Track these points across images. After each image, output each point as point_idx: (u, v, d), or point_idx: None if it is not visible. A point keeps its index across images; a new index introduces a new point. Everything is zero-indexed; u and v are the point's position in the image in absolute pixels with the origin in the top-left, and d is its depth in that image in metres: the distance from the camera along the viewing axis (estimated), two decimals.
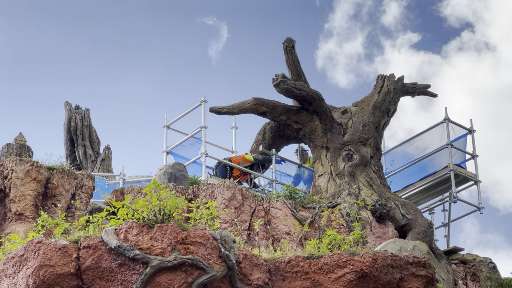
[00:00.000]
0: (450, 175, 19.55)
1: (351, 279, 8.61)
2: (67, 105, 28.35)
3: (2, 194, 14.71)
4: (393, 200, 17.58)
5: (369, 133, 18.88)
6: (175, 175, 16.20)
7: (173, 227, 8.28)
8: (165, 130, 20.19)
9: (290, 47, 19.62)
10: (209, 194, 15.63)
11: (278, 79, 18.77)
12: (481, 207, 19.99)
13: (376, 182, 18.13)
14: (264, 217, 15.67)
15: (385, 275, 8.85)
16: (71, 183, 15.03)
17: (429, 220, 17.58)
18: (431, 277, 9.19)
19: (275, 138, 20.20)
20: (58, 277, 8.13)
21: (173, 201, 8.53)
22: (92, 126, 28.35)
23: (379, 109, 19.45)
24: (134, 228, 8.31)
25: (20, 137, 17.12)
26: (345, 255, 8.77)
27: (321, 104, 18.91)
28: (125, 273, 8.14)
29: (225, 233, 8.63)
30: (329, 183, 18.17)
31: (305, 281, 8.74)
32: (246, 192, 15.95)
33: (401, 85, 20.19)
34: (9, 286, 8.39)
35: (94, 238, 8.36)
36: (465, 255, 17.87)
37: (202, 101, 19.35)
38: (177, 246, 8.19)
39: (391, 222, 17.04)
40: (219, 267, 8.28)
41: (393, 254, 9.10)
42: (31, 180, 14.57)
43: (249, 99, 19.26)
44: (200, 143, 19.13)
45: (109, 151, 27.83)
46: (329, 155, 18.58)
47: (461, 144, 20.42)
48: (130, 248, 8.15)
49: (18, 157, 14.91)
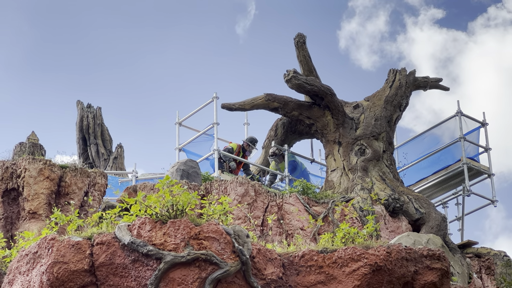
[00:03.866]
0: (463, 169, 19.48)
1: (365, 272, 8.58)
2: (79, 104, 28.40)
3: (15, 193, 14.73)
4: (406, 194, 17.53)
5: (381, 127, 18.83)
6: (187, 172, 16.20)
7: (186, 222, 8.26)
8: (177, 127, 20.19)
9: (301, 43, 19.57)
10: (221, 191, 15.62)
11: (290, 74, 18.74)
12: (494, 200, 19.93)
13: (389, 176, 18.08)
14: (277, 212, 15.65)
15: (399, 268, 8.82)
16: (84, 181, 15.05)
17: (443, 214, 17.52)
18: (446, 270, 9.14)
19: (287, 133, 20.18)
20: (72, 273, 8.13)
21: (185, 197, 8.51)
22: (104, 125, 28.38)
23: (391, 103, 19.40)
24: (147, 224, 8.30)
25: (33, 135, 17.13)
26: (359, 249, 8.74)
27: (333, 99, 18.87)
28: (138, 269, 8.13)
29: (239, 228, 8.61)
30: (342, 178, 18.13)
31: (319, 275, 8.72)
32: (259, 188, 15.93)
33: (413, 79, 20.13)
34: (23, 283, 8.39)
35: (107, 234, 8.35)
36: (479, 249, 17.81)
37: (214, 97, 19.34)
38: (191, 242, 8.17)
39: (405, 216, 16.99)
40: (232, 262, 8.26)
41: (407, 247, 9.06)
42: (44, 178, 14.59)
43: (261, 95, 19.24)
44: (212, 140, 19.13)
45: (121, 149, 27.86)
46: (342, 150, 18.54)
47: (474, 137, 20.35)
48: (144, 244, 8.14)
49: (31, 156, 14.93)
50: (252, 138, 19.75)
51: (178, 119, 20.27)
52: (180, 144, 19.96)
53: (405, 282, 8.98)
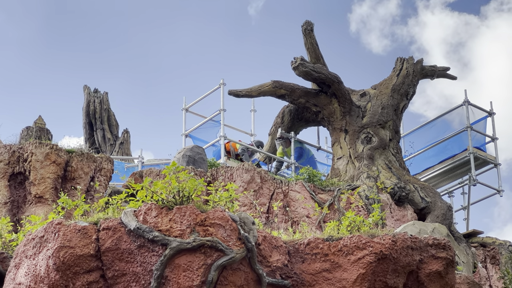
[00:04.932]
0: (470, 158, 19.46)
1: (370, 261, 8.58)
2: (85, 89, 28.41)
3: (22, 177, 14.77)
4: (412, 183, 17.53)
5: (388, 116, 18.81)
6: (193, 158, 16.21)
7: (192, 208, 8.27)
8: (184, 113, 20.21)
9: (309, 30, 19.54)
10: (228, 177, 15.63)
11: (297, 62, 18.73)
12: (501, 189, 19.91)
13: (395, 165, 18.08)
14: (283, 200, 15.66)
15: (404, 257, 8.82)
16: (90, 166, 15.07)
17: (449, 203, 17.53)
18: (451, 259, 9.14)
19: (294, 121, 20.17)
20: (78, 258, 8.15)
21: (192, 183, 8.52)
22: (110, 110, 28.40)
23: (398, 92, 19.37)
24: (153, 209, 8.31)
25: (40, 120, 17.16)
26: (364, 237, 8.74)
27: (340, 87, 18.85)
28: (144, 255, 8.15)
29: (244, 215, 8.61)
30: (348, 166, 18.13)
31: (324, 263, 8.72)
32: (265, 175, 15.93)
33: (420, 68, 20.10)
34: (30, 267, 8.42)
35: (114, 219, 8.36)
36: (484, 238, 17.81)
37: (221, 84, 19.34)
38: (196, 228, 8.18)
39: (410, 205, 16.99)
40: (238, 249, 8.27)
41: (412, 236, 9.05)
42: (51, 163, 14.61)
43: (268, 82, 19.23)
44: (218, 126, 19.14)
45: (127, 134, 27.88)
46: (348, 138, 18.53)
47: (481, 126, 20.32)
48: (149, 229, 8.15)
49: (38, 140, 14.96)
50: (260, 142, 19.77)
51: (185, 105, 20.28)
52: (186, 130, 19.98)
53: (410, 270, 8.98)
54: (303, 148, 19.95)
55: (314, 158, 20.23)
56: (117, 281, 8.23)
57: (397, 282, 8.83)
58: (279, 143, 19.62)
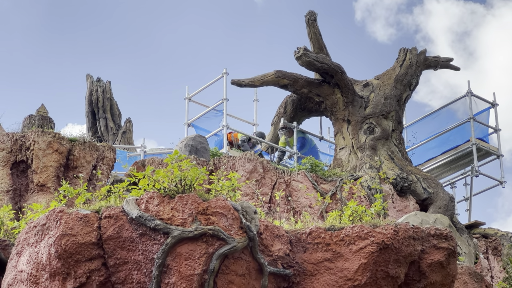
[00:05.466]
0: (472, 149, 19.46)
1: (372, 250, 8.57)
2: (88, 78, 28.40)
3: (24, 165, 14.77)
4: (415, 173, 17.52)
5: (391, 106, 18.79)
6: (196, 147, 16.20)
7: (194, 197, 8.26)
8: (187, 102, 20.22)
9: (312, 20, 19.51)
10: (230, 167, 15.63)
11: (300, 52, 18.71)
12: (503, 181, 19.90)
13: (398, 155, 18.07)
14: (285, 189, 15.66)
15: (406, 247, 8.81)
16: (93, 154, 15.07)
17: (451, 194, 17.52)
18: (453, 250, 9.13)
19: (297, 111, 20.16)
20: (80, 246, 8.15)
21: (194, 172, 8.51)
22: (113, 99, 28.40)
23: (401, 82, 19.35)
24: (155, 198, 8.30)
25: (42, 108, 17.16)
26: (366, 227, 8.73)
27: (343, 77, 18.83)
28: (146, 243, 8.15)
29: (246, 204, 8.60)
30: (350, 156, 18.12)
31: (326, 253, 8.72)
32: (267, 164, 15.93)
33: (424, 59, 20.06)
34: (31, 254, 8.42)
35: (116, 208, 8.35)
36: (486, 229, 17.82)
37: (224, 73, 19.34)
38: (198, 217, 8.18)
39: (412, 196, 16.99)
40: (240, 238, 8.26)
41: (414, 226, 9.04)
42: (53, 151, 14.61)
43: (271, 72, 19.22)
44: (221, 116, 19.14)
45: (130, 123, 27.90)
46: (351, 128, 18.52)
47: (484, 117, 20.31)
48: (151, 218, 8.15)
49: (40, 128, 14.96)
50: (262, 133, 19.80)
51: (187, 94, 20.28)
52: (189, 119, 19.98)
53: (411, 261, 8.98)
54: (305, 138, 19.94)
55: (316, 148, 20.23)
56: (119, 269, 8.23)
57: (399, 272, 8.82)
58: (282, 133, 19.63)
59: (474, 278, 10.66)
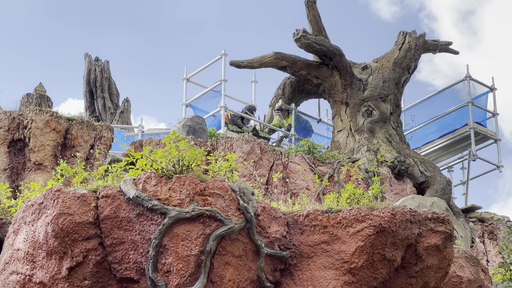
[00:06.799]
0: (470, 133, 19.45)
1: (369, 233, 8.57)
2: (87, 57, 28.34)
3: (21, 144, 14.76)
4: (412, 157, 17.53)
5: (389, 89, 18.78)
6: (194, 128, 16.19)
7: (192, 178, 8.25)
8: (185, 82, 20.18)
9: (311, 2, 19.48)
10: (227, 148, 15.62)
11: (299, 33, 18.67)
12: (500, 165, 19.92)
13: (395, 138, 18.07)
14: (282, 171, 15.65)
15: (403, 230, 8.81)
16: (90, 134, 15.05)
17: (448, 178, 17.55)
18: (449, 233, 9.14)
19: (295, 92, 20.15)
20: (77, 225, 8.14)
21: (192, 152, 8.49)
22: (111, 78, 28.36)
23: (400, 65, 19.33)
24: (153, 178, 8.29)
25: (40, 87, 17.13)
26: (364, 210, 8.72)
27: (342, 59, 18.80)
28: (143, 223, 8.14)
29: (244, 185, 8.59)
30: (348, 139, 18.13)
31: (323, 235, 8.72)
32: (264, 146, 15.91)
33: (423, 42, 20.03)
34: (28, 233, 8.42)
35: (113, 187, 8.34)
36: (483, 213, 17.85)
37: (223, 54, 19.29)
38: (196, 198, 8.16)
39: (410, 179, 17.01)
40: (237, 219, 8.25)
41: (411, 209, 9.04)
42: (51, 130, 14.60)
43: (270, 53, 19.18)
44: (219, 97, 19.12)
45: (128, 103, 27.88)
46: (349, 110, 18.51)
47: (482, 102, 20.31)
48: (148, 198, 8.13)
49: (38, 107, 14.93)
50: (252, 106, 19.81)
51: (186, 75, 20.24)
52: (187, 100, 19.96)
53: (408, 244, 8.98)
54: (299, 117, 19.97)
55: (310, 128, 20.22)
56: (116, 249, 8.23)
57: (396, 255, 8.83)
58: (277, 114, 19.62)
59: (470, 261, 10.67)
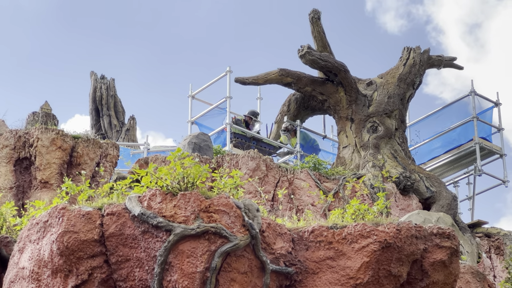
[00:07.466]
0: (475, 148, 19.44)
1: (374, 249, 8.56)
2: (92, 75, 28.43)
3: (27, 162, 14.78)
4: (418, 172, 17.51)
5: (394, 105, 18.79)
6: (199, 145, 16.21)
7: (197, 195, 8.26)
8: (190, 100, 20.23)
9: (316, 18, 19.52)
10: (233, 165, 15.63)
11: (304, 50, 18.71)
12: (506, 180, 19.89)
13: (401, 154, 18.06)
14: (288, 187, 15.65)
15: (409, 245, 8.80)
16: (96, 152, 15.08)
17: (454, 193, 17.52)
18: (455, 249, 9.12)
19: (300, 109, 20.17)
20: (82, 243, 8.15)
21: (196, 169, 8.50)
22: (117, 96, 28.43)
23: (405, 81, 19.34)
24: (158, 195, 8.29)
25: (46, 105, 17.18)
26: (369, 225, 8.71)
27: (346, 75, 18.82)
28: (148, 241, 8.14)
29: (249, 202, 8.59)
30: (354, 155, 18.13)
31: (328, 251, 8.71)
32: (270, 162, 15.92)
33: (427, 58, 20.06)
34: (33, 251, 8.42)
35: (118, 205, 8.34)
36: (489, 229, 17.80)
37: (227, 71, 19.35)
38: (201, 214, 8.17)
39: (415, 195, 16.98)
40: (242, 236, 8.25)
41: (417, 225, 9.03)
42: (56, 148, 14.62)
43: (275, 70, 19.22)
44: (225, 113, 19.15)
45: (134, 121, 27.93)
46: (354, 126, 18.52)
47: (487, 117, 20.31)
48: (154, 215, 8.14)
49: (44, 125, 14.97)
50: (254, 111, 19.88)
51: (191, 92, 20.29)
52: (192, 117, 20.00)
53: (414, 259, 8.97)
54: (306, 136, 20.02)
55: (317, 146, 20.28)
56: (121, 266, 8.23)
57: (401, 271, 8.82)
58: (284, 134, 19.69)
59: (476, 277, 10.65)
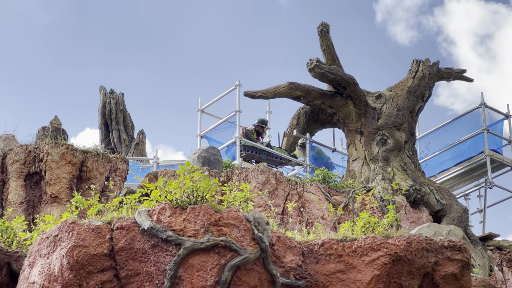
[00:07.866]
0: (486, 161, 19.37)
1: (385, 262, 8.54)
2: (101, 90, 28.50)
3: (37, 177, 14.81)
4: (428, 185, 17.46)
5: (404, 118, 18.76)
6: (209, 159, 16.21)
7: (206, 208, 8.25)
8: (199, 114, 20.24)
9: (324, 32, 19.53)
10: (242, 178, 15.62)
11: (313, 63, 18.71)
12: None
13: (410, 167, 18.02)
14: (297, 201, 15.63)
15: (419, 258, 8.77)
16: (106, 166, 15.10)
17: (464, 206, 17.45)
18: (466, 262, 9.08)
19: (309, 122, 20.16)
20: (92, 257, 8.15)
21: (206, 183, 8.50)
22: (126, 111, 28.48)
23: (414, 94, 19.32)
24: (167, 209, 8.29)
25: (56, 120, 17.22)
26: (379, 238, 8.69)
27: (356, 88, 18.81)
28: (158, 254, 8.14)
29: (259, 215, 8.58)
30: (363, 168, 18.09)
31: (338, 264, 8.69)
32: (280, 176, 15.91)
33: (436, 70, 20.03)
34: (44, 266, 8.42)
35: (127, 219, 8.35)
36: (500, 241, 17.72)
37: (237, 85, 19.37)
38: (210, 228, 8.16)
39: (426, 207, 16.93)
40: (252, 249, 8.24)
41: (428, 237, 8.99)
42: (66, 163, 14.65)
43: (284, 83, 19.22)
44: (234, 127, 19.16)
45: (143, 135, 27.96)
46: (363, 139, 18.49)
47: (498, 129, 20.25)
48: (163, 229, 8.13)
49: (54, 140, 15.00)
50: (263, 119, 19.91)
51: (200, 106, 20.31)
52: (202, 131, 20.00)
53: (425, 272, 8.93)
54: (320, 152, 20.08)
55: (331, 163, 20.31)
56: (131, 280, 8.22)
57: (412, 284, 8.78)
58: (300, 149, 19.77)
59: None
